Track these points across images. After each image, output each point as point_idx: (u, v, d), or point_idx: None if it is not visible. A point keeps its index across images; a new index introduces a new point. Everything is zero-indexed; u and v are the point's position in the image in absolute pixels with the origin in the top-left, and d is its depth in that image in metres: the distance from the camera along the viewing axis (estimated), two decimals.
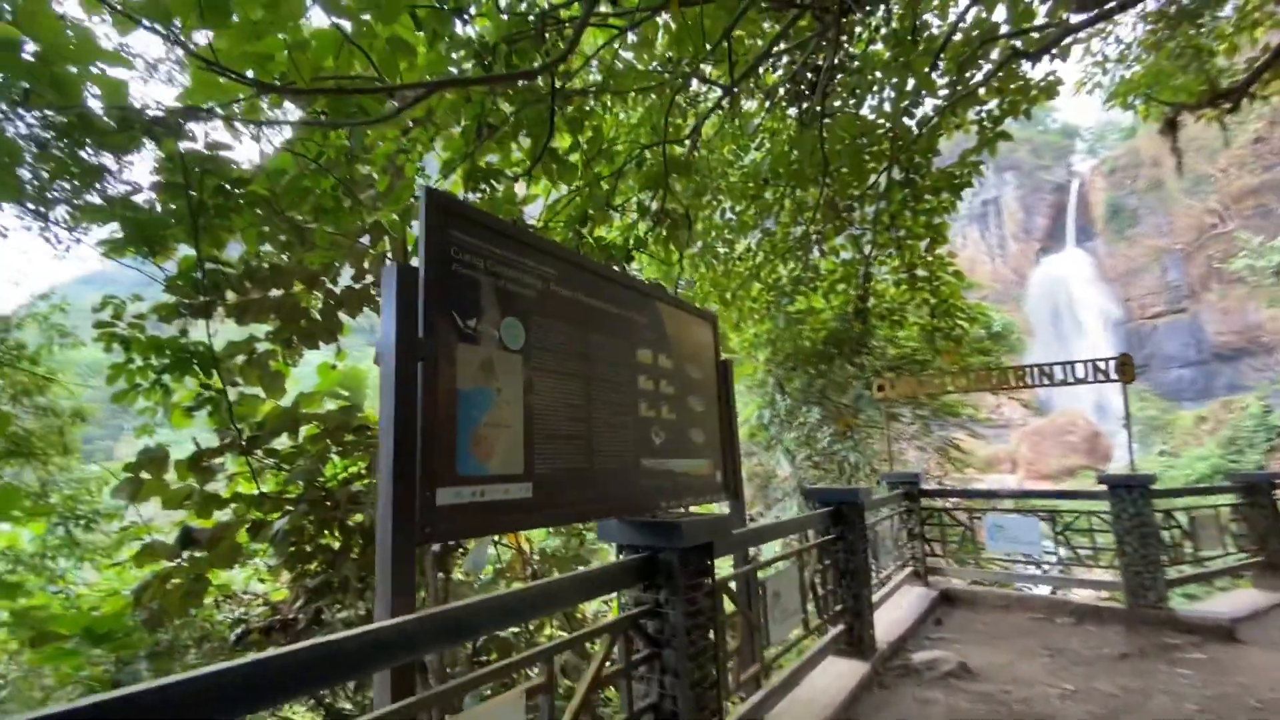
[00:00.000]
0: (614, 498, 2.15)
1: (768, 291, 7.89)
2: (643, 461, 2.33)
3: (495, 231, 1.84)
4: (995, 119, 6.70)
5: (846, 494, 3.87)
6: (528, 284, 1.93)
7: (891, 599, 5.02)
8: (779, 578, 3.00)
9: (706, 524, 2.11)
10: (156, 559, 3.53)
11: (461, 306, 1.68)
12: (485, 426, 1.68)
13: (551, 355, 1.97)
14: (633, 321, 2.43)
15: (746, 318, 7.11)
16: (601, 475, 2.10)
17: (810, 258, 7.98)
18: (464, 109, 3.79)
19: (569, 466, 1.96)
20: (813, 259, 8.03)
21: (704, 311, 3.06)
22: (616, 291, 2.37)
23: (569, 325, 2.07)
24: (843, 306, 8.25)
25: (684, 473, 2.59)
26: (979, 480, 26.35)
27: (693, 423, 2.73)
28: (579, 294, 2.15)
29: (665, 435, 2.50)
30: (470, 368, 1.67)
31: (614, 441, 2.19)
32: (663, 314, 2.65)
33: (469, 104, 3.79)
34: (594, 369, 2.15)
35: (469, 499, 1.60)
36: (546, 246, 2.04)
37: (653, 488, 2.37)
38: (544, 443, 1.87)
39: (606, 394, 2.19)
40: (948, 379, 6.35)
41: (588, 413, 2.08)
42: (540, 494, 1.82)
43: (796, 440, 7.56)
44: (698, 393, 2.83)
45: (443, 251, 1.66)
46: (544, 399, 1.90)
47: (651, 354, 2.52)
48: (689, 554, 2.07)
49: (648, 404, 2.43)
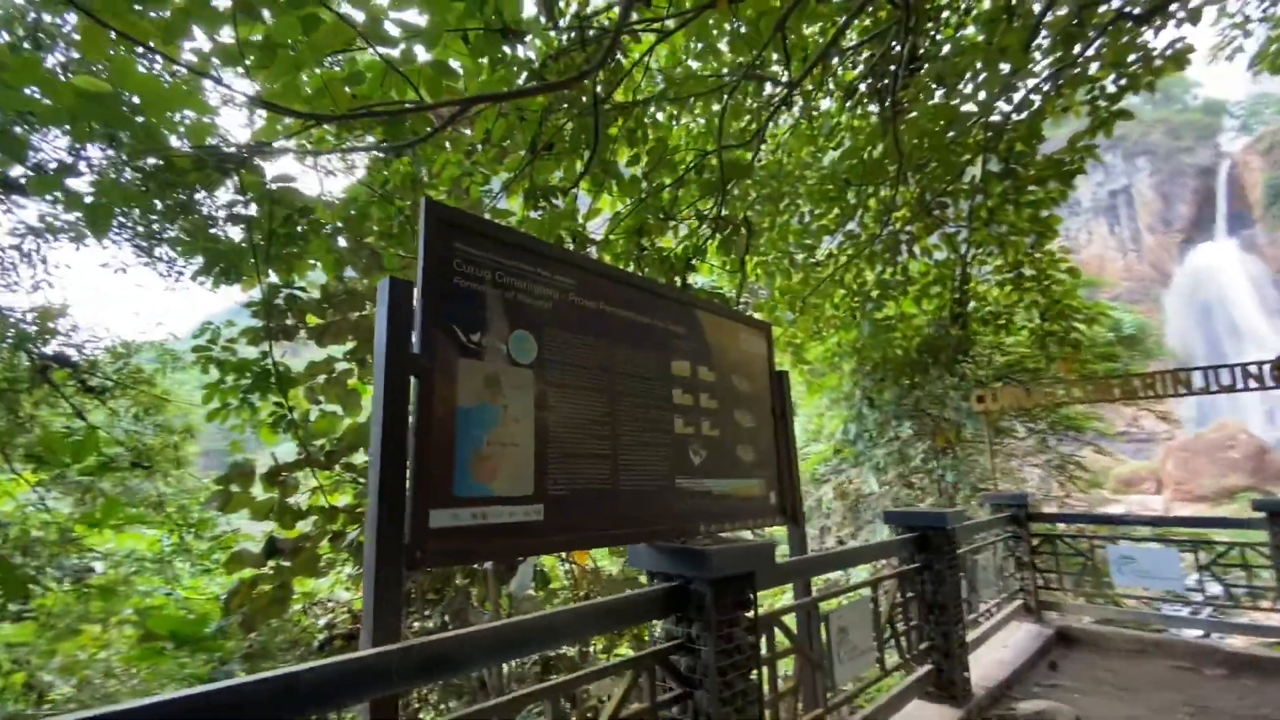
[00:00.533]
0: (644, 521, 2.01)
1: (852, 297, 7.44)
2: (678, 482, 2.17)
3: (503, 243, 1.77)
4: (1111, 97, 5.99)
5: (932, 518, 3.48)
6: (541, 296, 1.85)
7: (995, 637, 4.48)
8: (849, 611, 2.72)
9: (744, 551, 1.92)
10: (245, 566, 3.78)
11: (464, 320, 1.62)
12: (489, 445, 1.60)
13: (569, 369, 1.87)
14: (667, 332, 2.29)
15: (826, 326, 6.72)
16: (628, 497, 1.96)
17: (899, 260, 7.47)
18: (519, 128, 3.84)
19: (589, 487, 1.84)
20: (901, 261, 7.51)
21: (755, 320, 2.86)
22: (648, 300, 2.24)
23: (590, 337, 1.97)
24: (938, 311, 7.63)
25: (729, 494, 2.40)
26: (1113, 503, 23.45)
27: (740, 439, 2.54)
28: (602, 304, 2.05)
29: (706, 453, 2.33)
30: (472, 384, 1.60)
31: (643, 460, 2.05)
32: (703, 323, 2.49)
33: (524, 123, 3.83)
34: (620, 383, 2.03)
35: (468, 521, 1.52)
36: (563, 256, 1.96)
37: (690, 510, 2.20)
38: (559, 462, 1.77)
39: (634, 409, 2.06)
40: (1063, 389, 5.65)
41: (612, 430, 1.96)
42: (553, 516, 1.72)
43: (887, 457, 7.02)
44: (747, 407, 2.63)
45: (444, 265, 1.61)
46: (560, 415, 1.81)
47: (689, 366, 2.36)
48: (724, 584, 1.89)
49: (684, 420, 2.27)
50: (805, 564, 2.50)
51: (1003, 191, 6.96)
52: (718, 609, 1.87)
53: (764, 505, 2.59)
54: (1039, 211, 7.02)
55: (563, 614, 1.56)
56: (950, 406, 6.84)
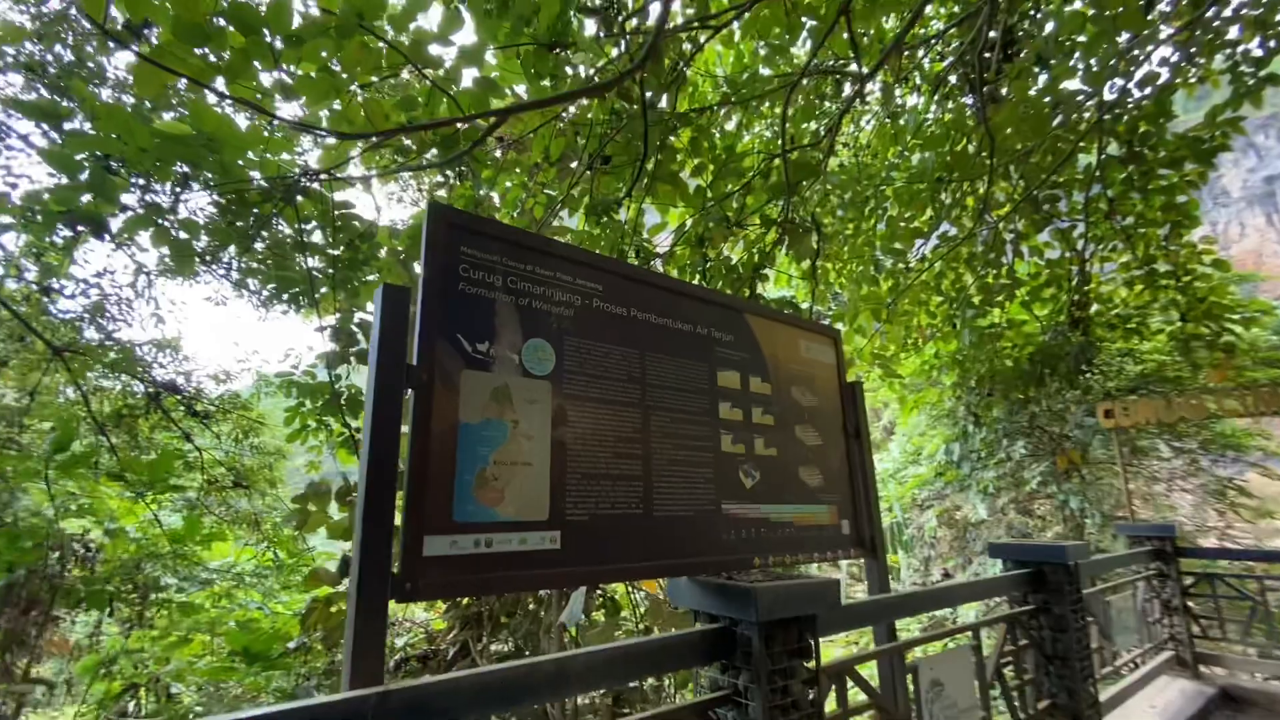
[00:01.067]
0: (684, 551, 1.78)
1: (950, 304, 6.80)
2: (726, 507, 1.93)
3: (519, 246, 1.65)
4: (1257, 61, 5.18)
5: (1049, 551, 2.98)
6: (561, 302, 1.70)
7: (1138, 695, 3.78)
8: (945, 660, 2.33)
9: (800, 590, 1.65)
10: (322, 585, 3.89)
11: (470, 329, 1.50)
12: (495, 465, 1.46)
13: (593, 381, 1.70)
14: (712, 339, 2.08)
15: (920, 336, 6.16)
16: (664, 523, 1.75)
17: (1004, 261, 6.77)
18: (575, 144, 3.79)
19: (616, 512, 1.65)
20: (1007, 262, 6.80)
21: (820, 325, 2.57)
22: (688, 306, 2.04)
23: (619, 346, 1.79)
24: (1053, 316, 6.82)
25: (789, 521, 2.12)
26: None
27: (803, 460, 2.25)
28: (634, 310, 1.87)
29: (760, 475, 2.07)
30: (478, 397, 1.47)
31: (682, 482, 1.83)
32: (756, 330, 2.25)
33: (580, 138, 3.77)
34: (654, 396, 1.84)
35: (470, 549, 1.37)
36: (587, 259, 1.81)
37: (742, 540, 1.94)
38: (580, 484, 1.60)
39: (671, 425, 1.86)
40: (1213, 400, 4.80)
41: (644, 448, 1.77)
42: (572, 545, 1.54)
43: (998, 480, 6.27)
44: (811, 423, 2.34)
45: (448, 271, 1.50)
46: (581, 431, 1.64)
47: (739, 376, 2.12)
48: (775, 628, 1.63)
49: (734, 437, 2.03)
50: (883, 605, 2.15)
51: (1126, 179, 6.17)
52: (769, 657, 1.60)
53: (834, 535, 2.28)
54: (1173, 198, 6.15)
55: (577, 659, 1.37)
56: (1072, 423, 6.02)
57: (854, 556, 2.33)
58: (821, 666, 1.75)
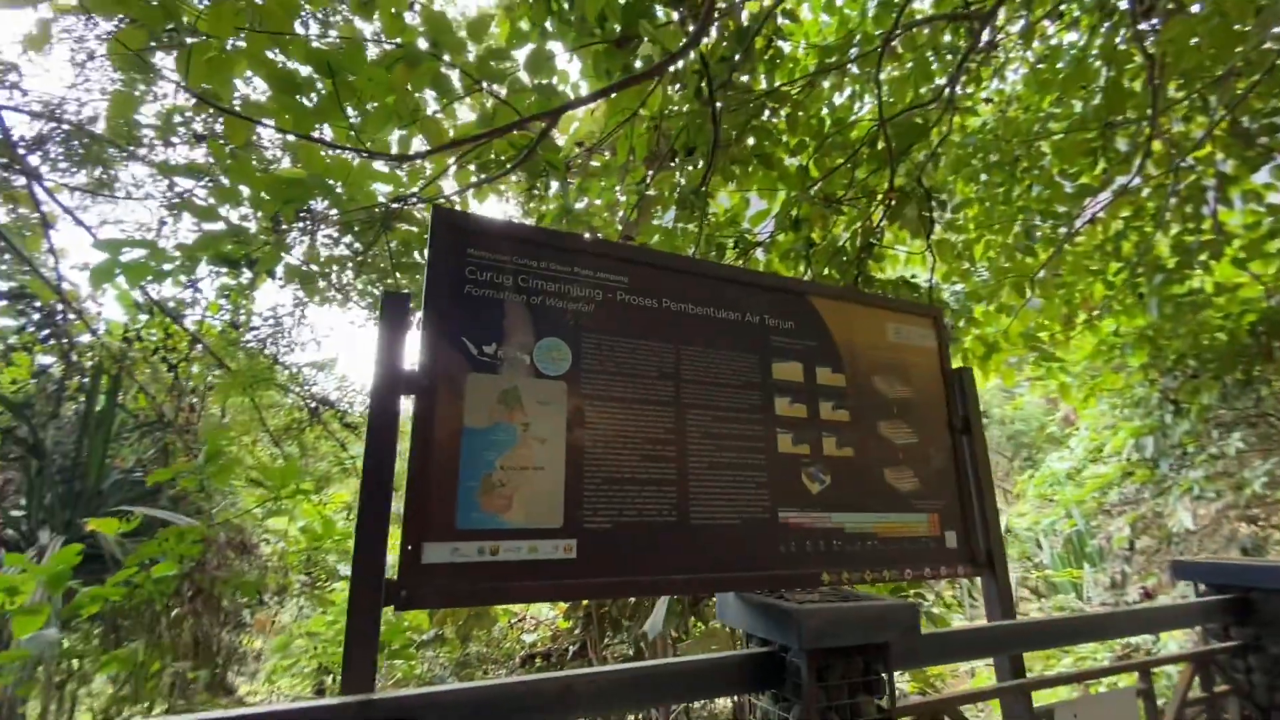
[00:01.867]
0: (729, 563, 1.61)
1: (1133, 271, 5.68)
2: (783, 515, 1.71)
3: (530, 243, 1.59)
4: None
5: (1260, 573, 2.33)
6: (579, 297, 1.61)
7: None
8: (1094, 706, 1.88)
9: (859, 614, 1.41)
10: None
11: (477, 332, 1.46)
12: (502, 470, 1.40)
13: (616, 379, 1.59)
14: (765, 328, 1.86)
15: (1088, 310, 5.19)
16: (704, 533, 1.59)
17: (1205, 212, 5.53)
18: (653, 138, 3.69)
19: (644, 520, 1.52)
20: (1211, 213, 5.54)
21: (912, 304, 2.22)
22: (734, 292, 1.85)
23: (648, 340, 1.67)
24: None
25: (870, 533, 1.83)
26: None
27: (890, 461, 1.95)
28: (667, 300, 1.73)
29: (831, 479, 1.82)
30: (484, 401, 1.43)
31: (727, 487, 1.66)
32: (824, 314, 1.98)
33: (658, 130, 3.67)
34: (692, 393, 1.68)
35: (473, 557, 1.33)
36: (608, 250, 1.70)
37: (805, 553, 1.71)
38: (600, 489, 1.49)
39: (714, 425, 1.69)
40: None
41: (679, 449, 1.62)
42: (591, 554, 1.44)
43: (1208, 481, 5.07)
44: (903, 418, 2.02)
45: (454, 274, 1.48)
46: (602, 433, 1.53)
47: (801, 368, 1.88)
48: (831, 657, 1.40)
49: (794, 436, 1.80)
50: (998, 635, 1.77)
51: None
52: (824, 691, 1.38)
53: (935, 548, 1.94)
54: None
55: (584, 679, 1.27)
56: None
57: (962, 575, 1.97)
58: (897, 705, 1.47)
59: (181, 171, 3.64)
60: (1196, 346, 5.44)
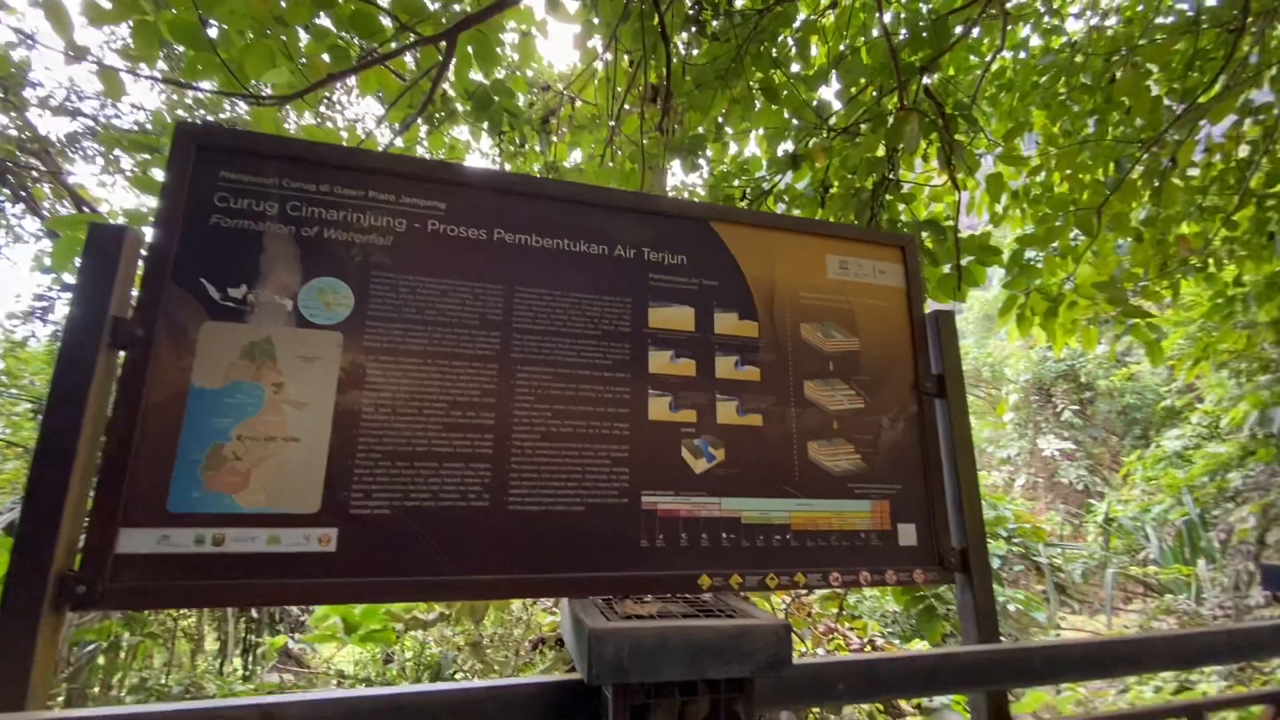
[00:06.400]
0: (567, 562, 1.26)
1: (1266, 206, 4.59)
2: (646, 500, 1.33)
3: (306, 163, 1.29)
4: None
5: None
6: (372, 228, 1.30)
7: None
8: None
9: (686, 636, 1.02)
10: None
11: (221, 272, 1.19)
12: (241, 441, 1.13)
13: (416, 328, 1.27)
14: (644, 264, 1.47)
15: (1183, 250, 4.23)
16: (529, 521, 1.25)
17: None
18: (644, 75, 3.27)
19: (440, 505, 1.20)
20: None
21: (869, 232, 1.74)
22: (599, 220, 1.46)
23: (467, 281, 1.33)
24: None
25: (783, 524, 1.41)
26: None
27: (819, 431, 1.50)
28: (498, 231, 1.38)
29: (726, 453, 1.41)
30: (222, 355, 1.15)
31: (570, 465, 1.30)
32: (730, 245, 1.55)
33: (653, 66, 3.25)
34: (525, 345, 1.33)
35: (187, 548, 1.07)
36: (418, 170, 1.36)
37: (678, 549, 1.33)
38: (378, 466, 1.19)
39: (554, 385, 1.33)
40: None
41: (501, 416, 1.28)
42: (358, 547, 1.14)
43: None
44: (843, 377, 1.56)
45: (197, 202, 1.21)
46: (387, 396, 1.22)
47: (692, 314, 1.47)
48: (659, 693, 1.03)
49: (675, 400, 1.41)
50: (968, 664, 1.30)
51: None
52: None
53: (880, 546, 1.48)
54: None
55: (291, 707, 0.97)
56: None
57: (922, 581, 1.49)
58: None
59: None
60: None
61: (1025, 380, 11.44)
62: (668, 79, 2.75)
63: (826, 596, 3.47)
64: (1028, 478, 11.13)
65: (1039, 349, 10.58)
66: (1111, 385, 9.78)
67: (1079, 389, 10.48)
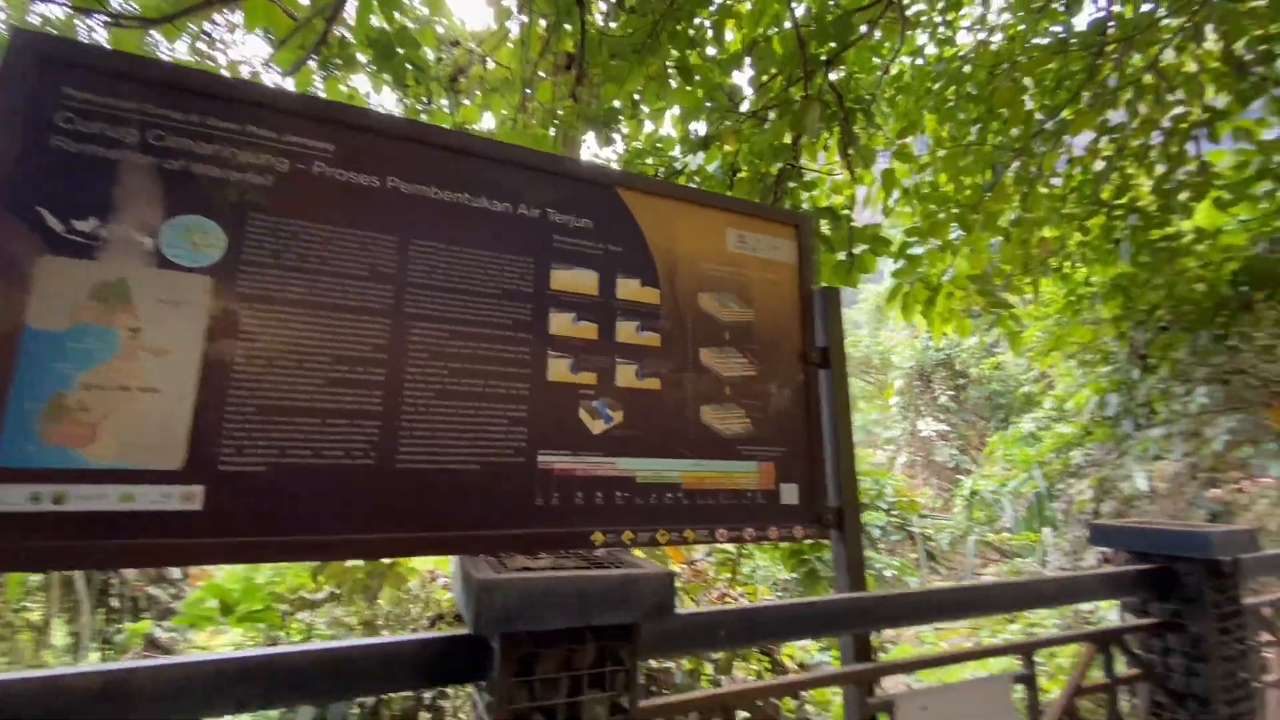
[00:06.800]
0: (460, 520, 1.24)
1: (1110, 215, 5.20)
2: (543, 459, 1.34)
3: (174, 88, 1.17)
4: None
5: (1184, 539, 1.98)
6: (249, 165, 1.20)
7: None
8: (950, 696, 1.55)
9: (573, 586, 1.04)
10: None
11: (64, 201, 1.06)
12: (87, 390, 1.02)
13: (297, 277, 1.20)
14: (548, 224, 1.46)
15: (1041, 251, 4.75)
16: (420, 480, 1.22)
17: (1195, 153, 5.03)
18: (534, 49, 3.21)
19: (323, 462, 1.15)
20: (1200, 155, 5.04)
21: (767, 209, 1.82)
22: (504, 176, 1.43)
23: (356, 229, 1.26)
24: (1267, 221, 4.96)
25: (674, 483, 1.47)
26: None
27: (713, 396, 1.57)
28: (393, 180, 1.32)
29: (625, 415, 1.44)
30: (66, 294, 1.03)
31: (465, 423, 1.28)
32: (636, 213, 1.57)
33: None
34: (420, 301, 1.29)
35: (20, 506, 0.96)
36: (304, 107, 1.28)
37: (573, 508, 1.35)
38: (252, 420, 1.11)
39: (451, 343, 1.30)
40: None
41: (392, 372, 1.24)
42: (228, 505, 1.07)
43: (1167, 441, 4.71)
44: (738, 346, 1.63)
45: (34, 119, 1.07)
46: (264, 347, 1.15)
47: (596, 278, 1.48)
48: (545, 642, 1.05)
49: (575, 362, 1.42)
50: (839, 610, 1.41)
51: None
52: (527, 688, 1.03)
53: (765, 504, 1.57)
54: None
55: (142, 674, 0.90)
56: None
57: (801, 537, 1.61)
58: (641, 706, 1.12)
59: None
60: (1172, 297, 5.01)
61: (910, 367, 12.43)
62: (582, 45, 2.71)
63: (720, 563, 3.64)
64: (908, 456, 12.14)
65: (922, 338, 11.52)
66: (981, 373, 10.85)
67: (955, 376, 11.56)
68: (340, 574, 3.90)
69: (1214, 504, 4.64)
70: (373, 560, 3.25)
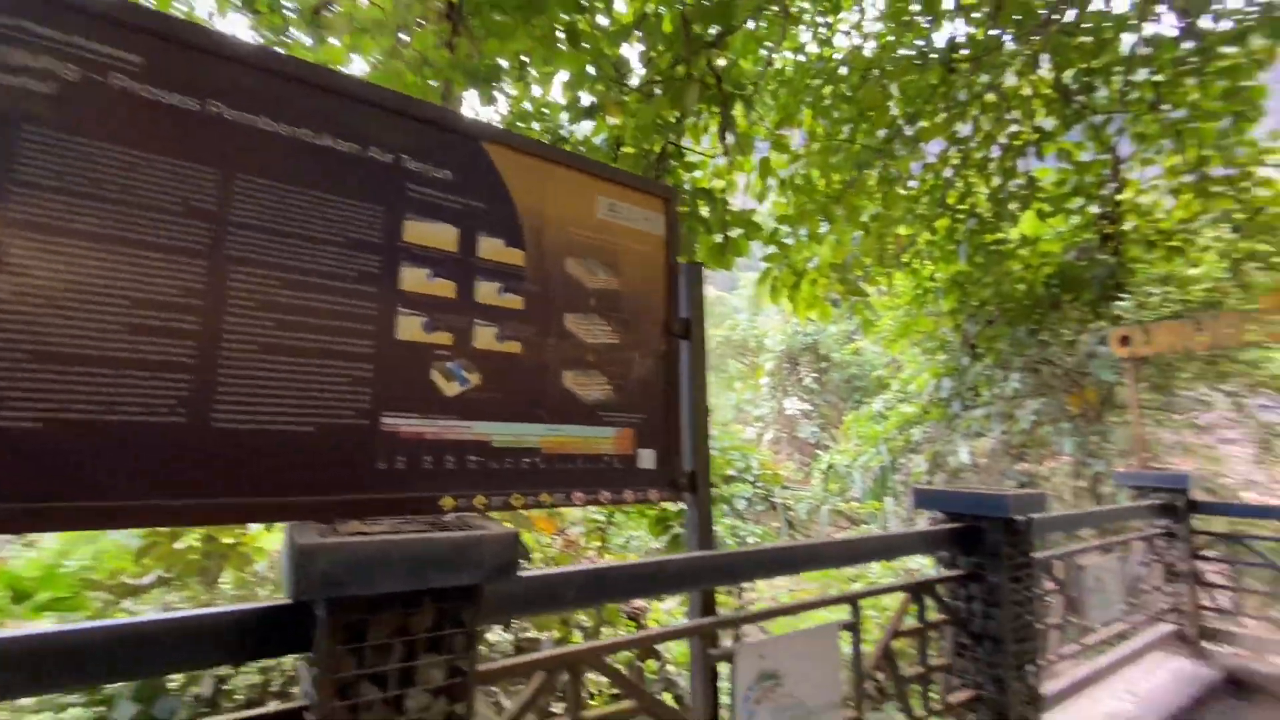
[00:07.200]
0: (292, 485, 1.15)
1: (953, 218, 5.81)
2: (387, 422, 1.27)
3: None
4: None
5: (985, 501, 2.27)
6: (22, 69, 1.01)
7: (1117, 678, 3.09)
8: (783, 646, 1.68)
9: (405, 549, 1.00)
10: None
11: None
12: None
13: (87, 205, 1.03)
14: (403, 171, 1.37)
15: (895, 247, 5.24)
16: (241, 441, 1.11)
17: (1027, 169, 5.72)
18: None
19: (117, 418, 1.01)
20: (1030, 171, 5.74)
21: (637, 178, 1.83)
22: (354, 114, 1.32)
23: (166, 156, 1.11)
24: (1078, 232, 5.78)
25: (533, 448, 1.45)
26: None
27: (576, 362, 1.57)
28: (216, 104, 1.17)
29: (482, 378, 1.40)
30: None
31: (296, 381, 1.18)
32: (502, 169, 1.52)
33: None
34: (245, 243, 1.16)
35: None
36: (109, 9, 1.10)
37: (420, 472, 1.29)
38: (22, 369, 0.95)
39: (281, 292, 1.19)
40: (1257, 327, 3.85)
41: (208, 322, 1.11)
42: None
43: (986, 420, 5.43)
44: (602, 313, 1.64)
45: None
46: (40, 283, 0.98)
47: (456, 234, 1.42)
48: (378, 607, 1.00)
49: (429, 321, 1.35)
50: (684, 568, 1.48)
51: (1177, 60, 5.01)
52: (354, 655, 0.98)
53: (623, 469, 1.60)
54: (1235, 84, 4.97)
55: None
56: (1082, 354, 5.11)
57: (656, 500, 1.66)
58: (481, 670, 1.11)
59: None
60: (999, 295, 5.72)
61: (780, 351, 13.27)
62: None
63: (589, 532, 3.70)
64: (775, 433, 13.02)
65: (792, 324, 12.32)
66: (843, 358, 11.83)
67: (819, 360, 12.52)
68: (170, 555, 3.50)
69: (1021, 475, 5.40)
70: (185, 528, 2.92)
